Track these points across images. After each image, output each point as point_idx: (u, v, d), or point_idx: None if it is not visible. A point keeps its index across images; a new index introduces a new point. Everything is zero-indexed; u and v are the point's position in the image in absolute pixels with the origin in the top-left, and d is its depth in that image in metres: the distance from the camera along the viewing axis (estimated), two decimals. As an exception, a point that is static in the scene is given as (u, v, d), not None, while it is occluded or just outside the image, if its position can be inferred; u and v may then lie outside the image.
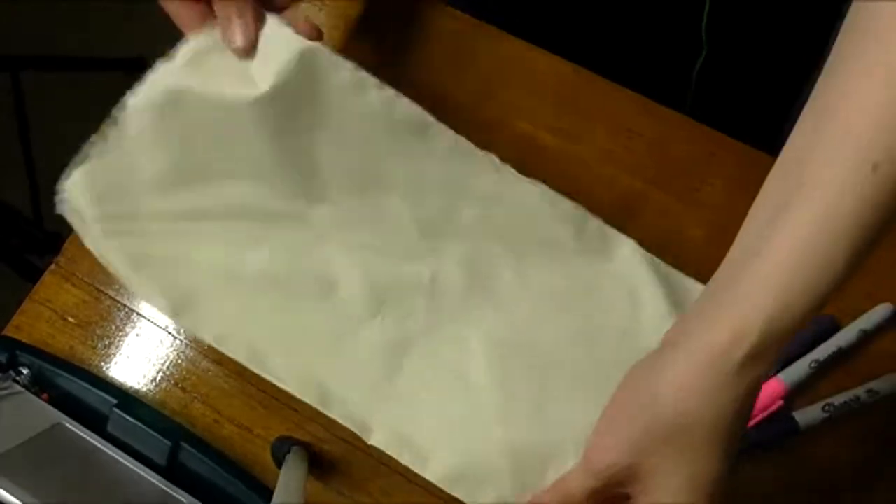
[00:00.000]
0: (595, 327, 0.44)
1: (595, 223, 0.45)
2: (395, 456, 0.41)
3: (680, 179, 0.51)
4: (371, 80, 0.42)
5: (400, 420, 0.42)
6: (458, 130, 0.46)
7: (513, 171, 0.45)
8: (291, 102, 0.42)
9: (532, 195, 0.44)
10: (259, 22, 0.41)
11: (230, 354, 0.43)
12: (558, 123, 0.53)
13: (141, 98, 0.41)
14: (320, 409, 0.42)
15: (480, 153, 0.44)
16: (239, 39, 0.41)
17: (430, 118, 0.43)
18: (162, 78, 0.41)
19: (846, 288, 0.47)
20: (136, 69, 0.41)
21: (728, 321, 0.31)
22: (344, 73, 0.41)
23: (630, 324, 0.44)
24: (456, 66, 0.54)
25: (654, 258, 0.45)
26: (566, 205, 0.45)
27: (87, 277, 0.53)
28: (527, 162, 0.51)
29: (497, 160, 0.44)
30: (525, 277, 0.44)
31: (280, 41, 0.41)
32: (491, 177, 0.44)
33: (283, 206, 0.44)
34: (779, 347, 0.31)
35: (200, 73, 0.41)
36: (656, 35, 0.62)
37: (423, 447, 0.41)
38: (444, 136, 0.43)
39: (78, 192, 0.41)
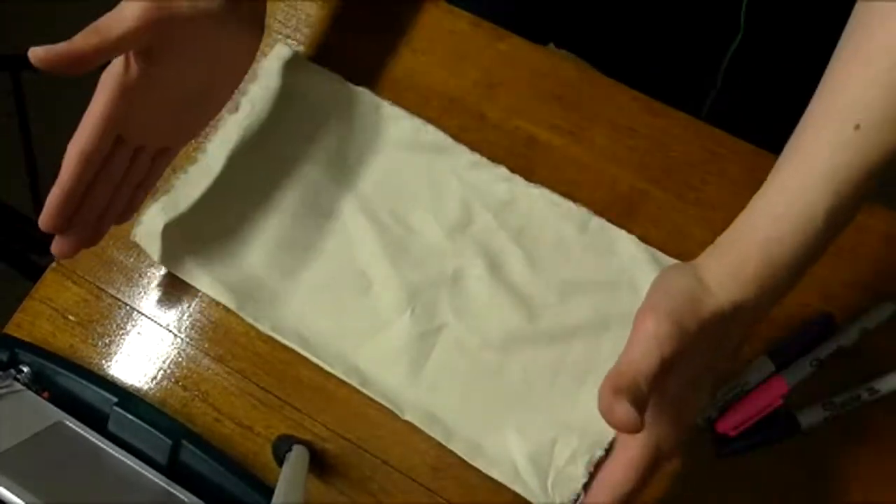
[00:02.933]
0: (601, 316, 0.48)
1: (597, 221, 0.50)
2: (426, 430, 0.47)
3: (681, 179, 0.51)
4: (403, 112, 0.52)
5: (428, 399, 0.48)
6: (458, 129, 0.48)
7: (522, 179, 0.50)
8: (337, 136, 0.52)
9: (539, 199, 0.50)
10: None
11: (285, 342, 0.49)
12: (559, 122, 0.53)
13: (215, 143, 0.53)
14: (362, 390, 0.48)
15: (493, 166, 0.51)
16: None
17: (450, 140, 0.51)
18: (231, 128, 0.53)
19: (847, 285, 0.48)
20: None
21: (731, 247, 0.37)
22: (384, 109, 0.52)
23: (633, 312, 0.45)
24: (457, 65, 0.54)
25: (655, 250, 0.49)
26: (569, 205, 0.50)
27: (87, 275, 0.53)
28: (528, 160, 0.52)
29: (507, 171, 0.51)
30: (536, 272, 0.49)
31: (323, 82, 0.53)
32: (503, 185, 0.51)
33: (326, 219, 0.51)
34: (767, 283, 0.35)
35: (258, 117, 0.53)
36: (693, 13, 0.61)
37: (447, 424, 0.47)
38: (463, 154, 0.51)
39: (159, 221, 0.51)
